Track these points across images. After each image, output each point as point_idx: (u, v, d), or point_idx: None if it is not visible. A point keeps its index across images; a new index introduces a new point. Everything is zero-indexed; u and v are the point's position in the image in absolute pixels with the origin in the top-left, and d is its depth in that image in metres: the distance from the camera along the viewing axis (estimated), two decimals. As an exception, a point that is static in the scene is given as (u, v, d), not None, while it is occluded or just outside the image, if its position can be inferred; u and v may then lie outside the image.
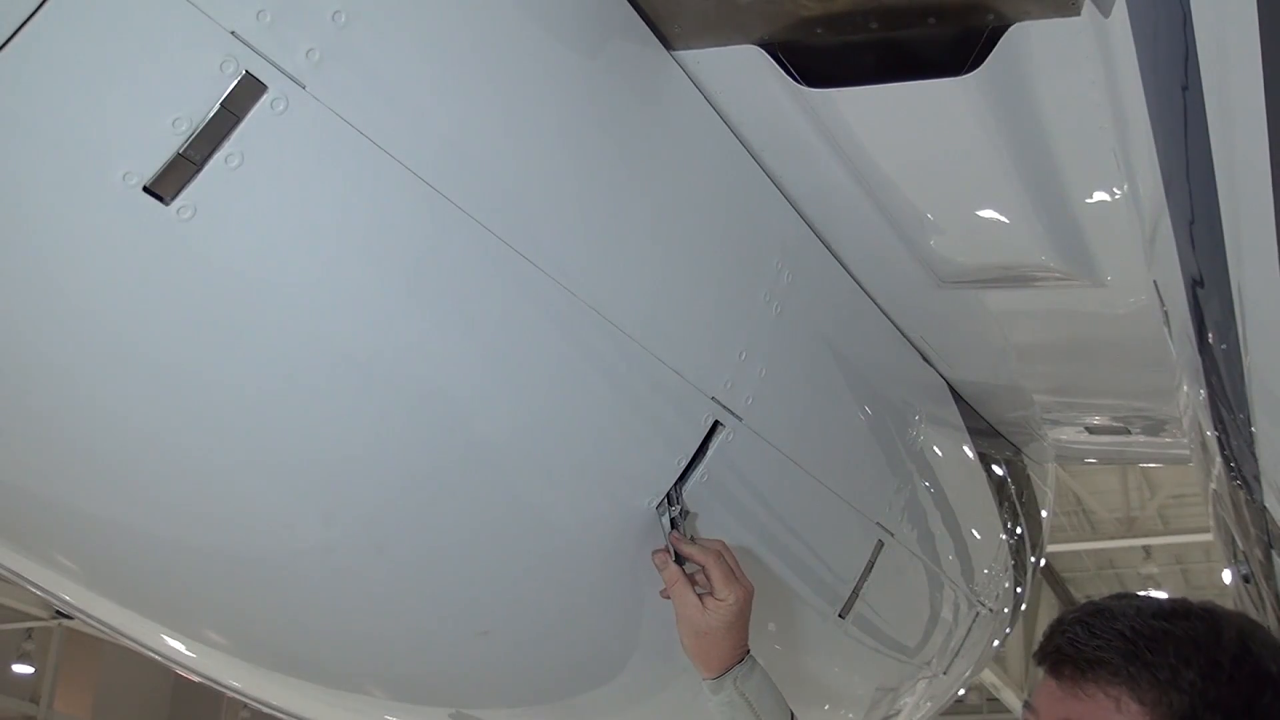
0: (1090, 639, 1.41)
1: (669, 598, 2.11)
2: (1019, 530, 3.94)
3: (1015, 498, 3.91)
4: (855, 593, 2.78)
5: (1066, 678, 1.42)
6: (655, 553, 2.09)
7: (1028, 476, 4.07)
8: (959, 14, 1.82)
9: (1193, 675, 1.35)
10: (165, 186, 1.42)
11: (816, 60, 1.94)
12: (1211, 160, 1.32)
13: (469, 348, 1.77)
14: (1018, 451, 3.95)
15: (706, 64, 2.04)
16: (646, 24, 1.95)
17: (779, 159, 2.27)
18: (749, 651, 2.13)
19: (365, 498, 1.76)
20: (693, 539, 2.14)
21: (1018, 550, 3.93)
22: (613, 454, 2.05)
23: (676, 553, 2.10)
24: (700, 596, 2.05)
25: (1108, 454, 4.83)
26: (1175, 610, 1.42)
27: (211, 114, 1.42)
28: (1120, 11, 1.54)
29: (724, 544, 2.12)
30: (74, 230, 1.42)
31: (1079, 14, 1.76)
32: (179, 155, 1.41)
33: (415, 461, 1.77)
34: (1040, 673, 1.46)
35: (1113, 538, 15.66)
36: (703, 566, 2.08)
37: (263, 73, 1.44)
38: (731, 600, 2.05)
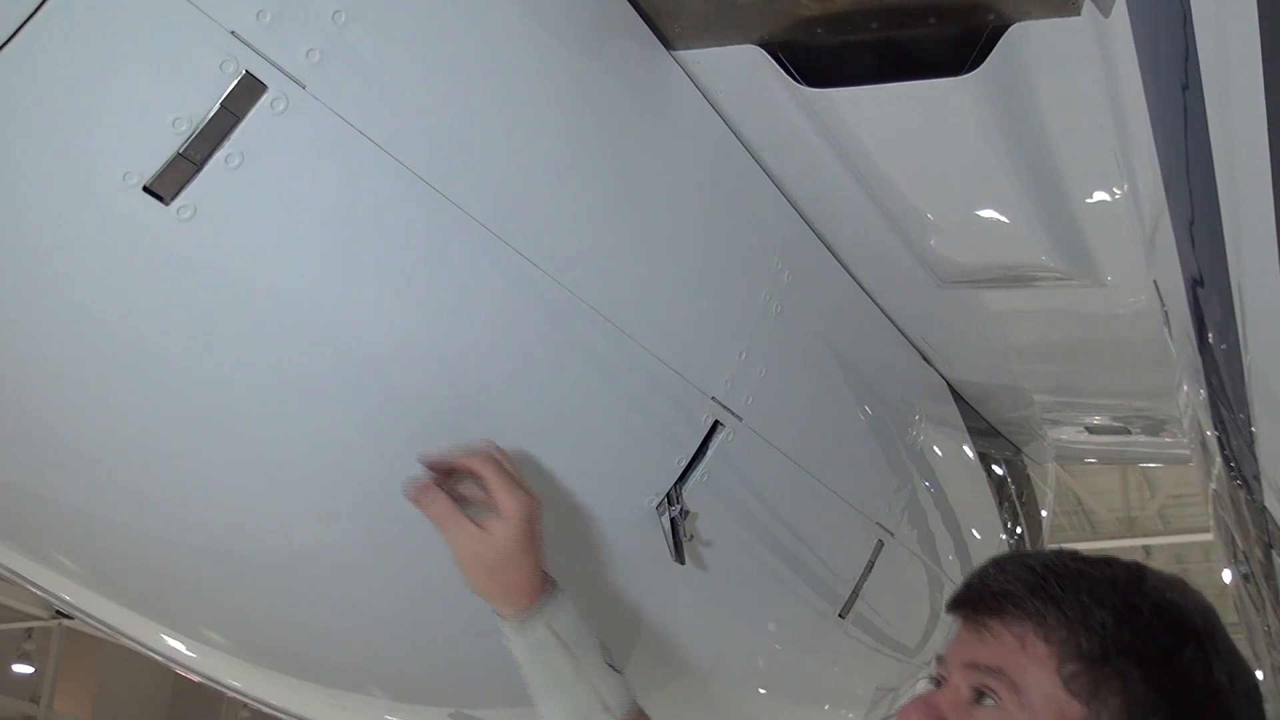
0: (999, 575, 1.30)
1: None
2: (1019, 530, 3.94)
3: (1015, 498, 3.91)
4: (855, 593, 2.78)
5: (973, 620, 1.31)
6: (411, 488, 1.70)
7: (1028, 476, 4.07)
8: (959, 14, 1.83)
9: (1105, 615, 1.23)
10: (165, 186, 1.42)
11: (816, 60, 1.94)
12: (1211, 160, 1.32)
13: (468, 347, 1.77)
14: (1018, 451, 3.95)
15: (706, 64, 2.04)
16: (646, 24, 1.95)
17: (779, 159, 2.27)
18: (552, 580, 1.79)
19: (365, 497, 1.76)
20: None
21: (1018, 550, 3.93)
22: (612, 454, 2.05)
23: (437, 479, 1.72)
24: (479, 522, 1.70)
25: (1108, 454, 4.83)
26: (1099, 559, 1.31)
27: (211, 114, 1.42)
28: (1120, 11, 1.54)
29: (496, 446, 1.76)
30: (74, 230, 1.42)
31: (1079, 14, 1.76)
32: (179, 155, 1.41)
33: (415, 461, 1.77)
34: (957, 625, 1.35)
35: (1113, 538, 15.66)
36: (477, 478, 1.72)
37: (263, 73, 1.44)
38: (518, 512, 1.70)
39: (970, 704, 1.28)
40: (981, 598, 1.30)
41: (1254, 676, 1.26)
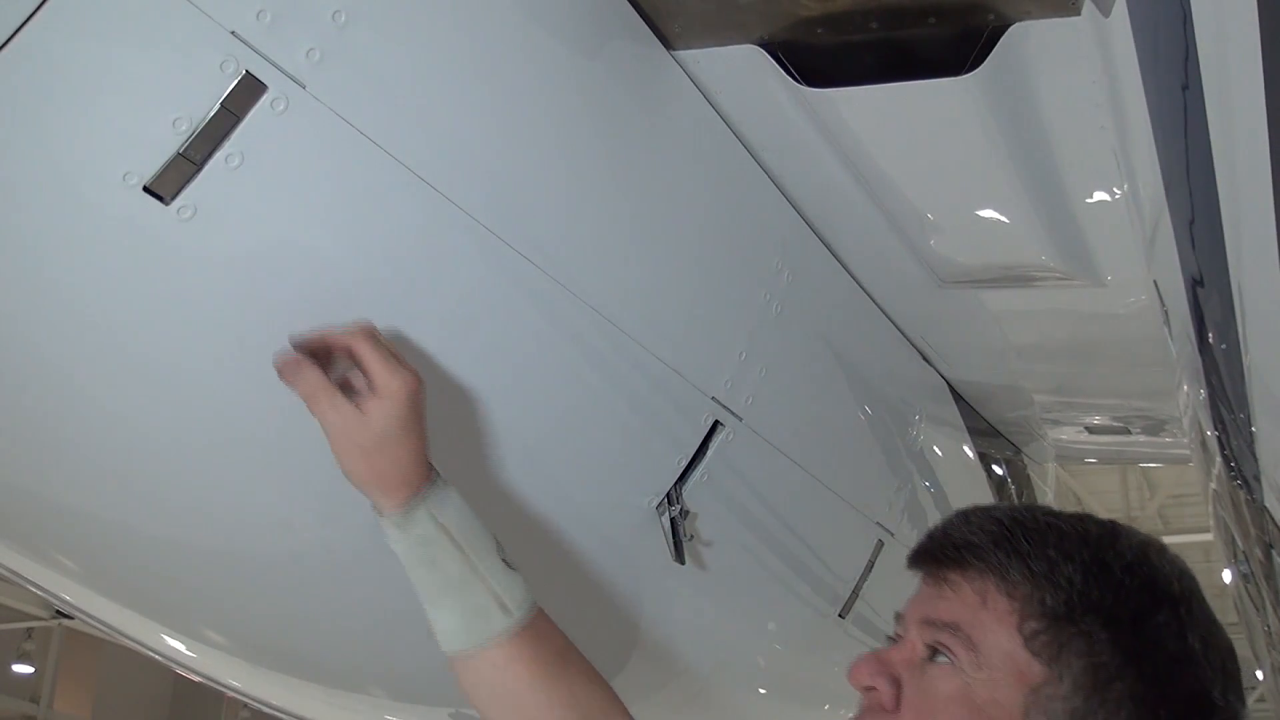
0: (963, 526, 1.21)
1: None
2: (1019, 530, 3.94)
3: (1015, 498, 3.91)
4: (855, 593, 2.78)
5: (933, 574, 1.23)
6: (279, 361, 1.54)
7: (1028, 476, 4.07)
8: (959, 14, 1.83)
9: (1073, 571, 1.15)
10: (165, 186, 1.42)
11: (816, 60, 1.94)
12: (1211, 160, 1.32)
13: (468, 347, 1.77)
14: (1018, 451, 3.95)
15: (706, 64, 2.04)
16: (646, 23, 1.95)
17: (779, 159, 2.27)
18: (436, 471, 1.61)
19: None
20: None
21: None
22: (612, 454, 2.05)
23: (311, 353, 1.55)
24: (356, 403, 1.54)
25: (1108, 454, 4.83)
26: (1073, 514, 1.23)
27: (211, 114, 1.42)
28: (1120, 11, 1.54)
29: (372, 325, 1.58)
30: (74, 230, 1.42)
31: (1079, 14, 1.76)
32: (179, 155, 1.41)
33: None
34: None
35: (1112, 537, 15.65)
36: (352, 354, 1.55)
37: (263, 72, 1.44)
38: (399, 391, 1.53)
39: (925, 661, 1.21)
40: (943, 549, 1.22)
41: (1230, 645, 1.18)
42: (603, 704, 1.69)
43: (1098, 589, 1.15)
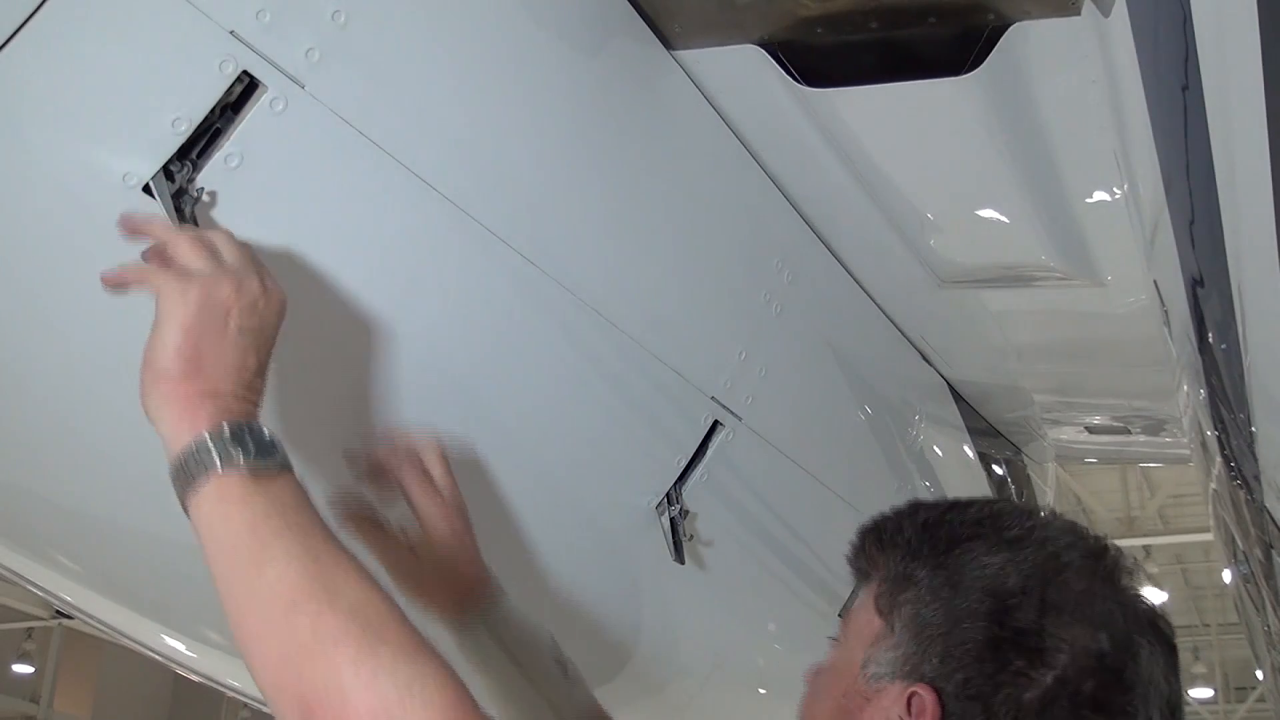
0: (871, 532, 1.36)
1: None
2: (1019, 530, 3.93)
3: (1015, 498, 3.91)
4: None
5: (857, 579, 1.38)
6: (383, 449, 1.58)
7: (1028, 476, 4.07)
8: (959, 13, 1.83)
9: (912, 532, 1.28)
10: (164, 187, 1.41)
11: (816, 60, 1.94)
12: (1211, 160, 1.32)
13: (467, 348, 1.76)
14: (1018, 451, 3.95)
15: (706, 64, 2.04)
16: (646, 23, 1.95)
17: (779, 159, 2.27)
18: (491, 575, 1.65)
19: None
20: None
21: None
22: (612, 454, 2.05)
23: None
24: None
25: (1108, 454, 4.83)
26: (984, 500, 1.34)
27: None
28: (1120, 11, 1.54)
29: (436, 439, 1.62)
30: (74, 231, 1.42)
31: (1079, 14, 1.76)
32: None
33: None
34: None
35: (1113, 537, 15.65)
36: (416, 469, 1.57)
37: (262, 72, 1.44)
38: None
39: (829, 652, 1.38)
40: (852, 559, 1.38)
41: (1065, 581, 1.23)
42: None
43: (929, 541, 1.26)
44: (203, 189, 1.43)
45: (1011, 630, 1.18)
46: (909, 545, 1.26)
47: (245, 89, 1.44)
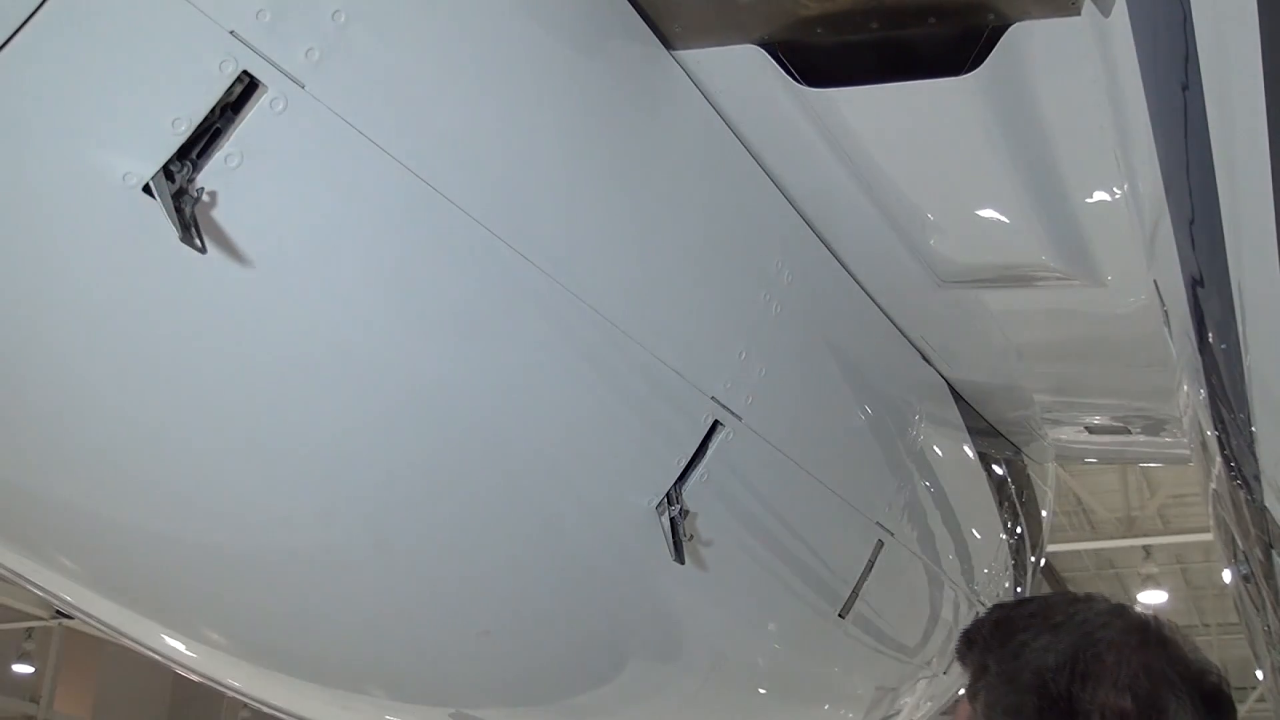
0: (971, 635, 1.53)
1: None
2: (1019, 530, 3.94)
3: (1015, 497, 3.91)
4: (855, 593, 2.78)
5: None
6: None
7: (1028, 476, 4.07)
8: (959, 14, 1.83)
9: (988, 629, 1.48)
10: (164, 187, 1.41)
11: (816, 60, 1.94)
12: (1211, 160, 1.32)
13: (468, 347, 1.76)
14: (1018, 451, 3.95)
15: (706, 63, 2.03)
16: (646, 23, 1.95)
17: (779, 159, 2.27)
18: None
19: (365, 497, 1.76)
20: None
21: (1017, 550, 3.94)
22: (612, 454, 2.05)
23: None
24: None
25: (1108, 454, 4.83)
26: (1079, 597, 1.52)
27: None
28: (1120, 11, 1.54)
29: None
30: (74, 230, 1.42)
31: (1079, 14, 1.76)
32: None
33: (414, 461, 1.77)
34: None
35: (1113, 537, 15.66)
36: None
37: (262, 72, 1.44)
38: None
39: None
40: (959, 659, 1.56)
41: (1098, 655, 1.40)
42: None
43: (997, 636, 1.47)
44: (203, 189, 1.43)
45: (1049, 699, 1.39)
46: (985, 642, 1.49)
47: (245, 89, 1.44)
